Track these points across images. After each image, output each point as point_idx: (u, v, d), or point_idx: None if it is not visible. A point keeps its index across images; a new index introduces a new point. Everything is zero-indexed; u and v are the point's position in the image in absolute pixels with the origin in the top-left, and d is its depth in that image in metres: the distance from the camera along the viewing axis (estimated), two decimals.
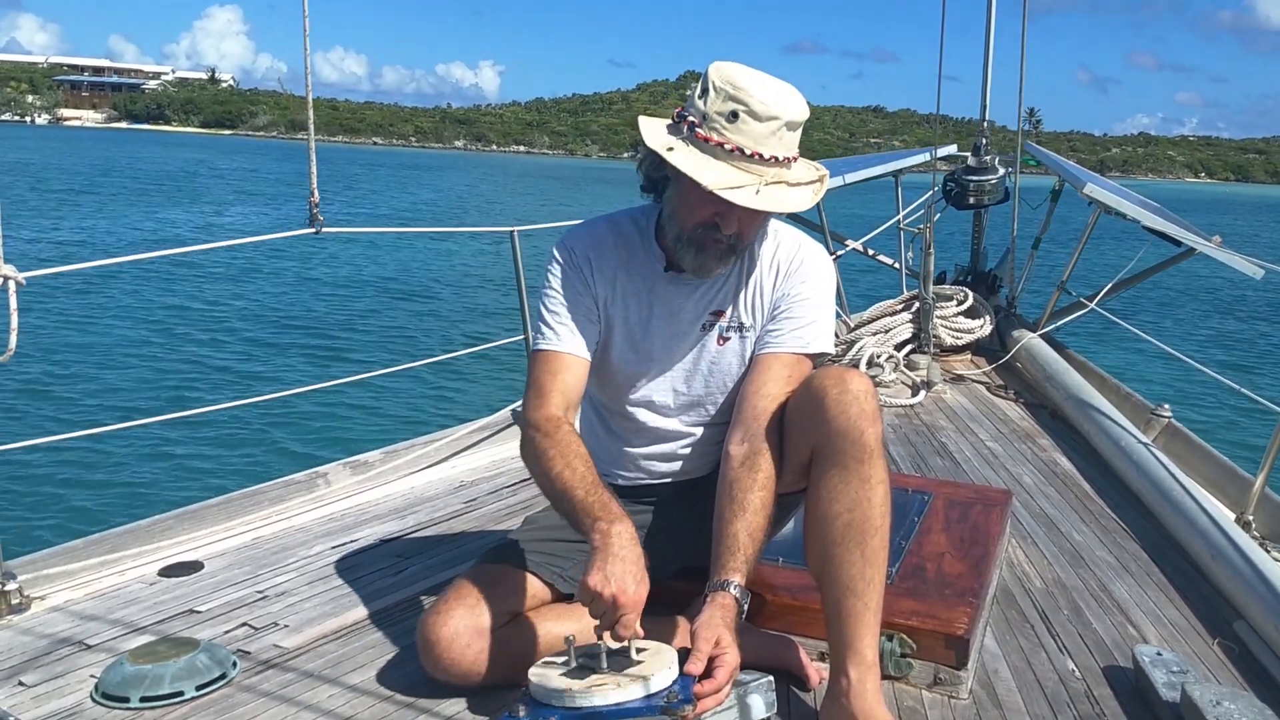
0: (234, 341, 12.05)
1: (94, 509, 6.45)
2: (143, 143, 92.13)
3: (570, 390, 1.87)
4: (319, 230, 2.74)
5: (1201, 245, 4.57)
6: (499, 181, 65.24)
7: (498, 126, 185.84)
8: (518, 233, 3.86)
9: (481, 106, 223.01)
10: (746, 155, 1.71)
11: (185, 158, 64.82)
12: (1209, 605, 2.45)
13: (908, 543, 2.31)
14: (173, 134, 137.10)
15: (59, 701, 1.78)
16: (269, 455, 7.72)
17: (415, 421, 8.40)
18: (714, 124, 1.72)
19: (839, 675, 1.68)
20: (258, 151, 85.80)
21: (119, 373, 10.16)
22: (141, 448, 7.61)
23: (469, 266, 20.74)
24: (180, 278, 16.10)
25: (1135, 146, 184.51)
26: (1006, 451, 3.77)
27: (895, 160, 6.89)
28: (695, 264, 1.84)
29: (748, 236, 1.84)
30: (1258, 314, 19.07)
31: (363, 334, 13.16)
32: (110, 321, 12.56)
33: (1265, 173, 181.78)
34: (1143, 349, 12.29)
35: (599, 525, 1.61)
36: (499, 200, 44.63)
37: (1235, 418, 9.82)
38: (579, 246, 1.96)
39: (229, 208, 32.03)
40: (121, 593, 2.27)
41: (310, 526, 2.74)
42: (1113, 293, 5.38)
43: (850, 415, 1.68)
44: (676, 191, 1.83)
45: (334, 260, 19.76)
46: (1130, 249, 5.43)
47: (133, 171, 47.48)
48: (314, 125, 2.59)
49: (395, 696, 1.82)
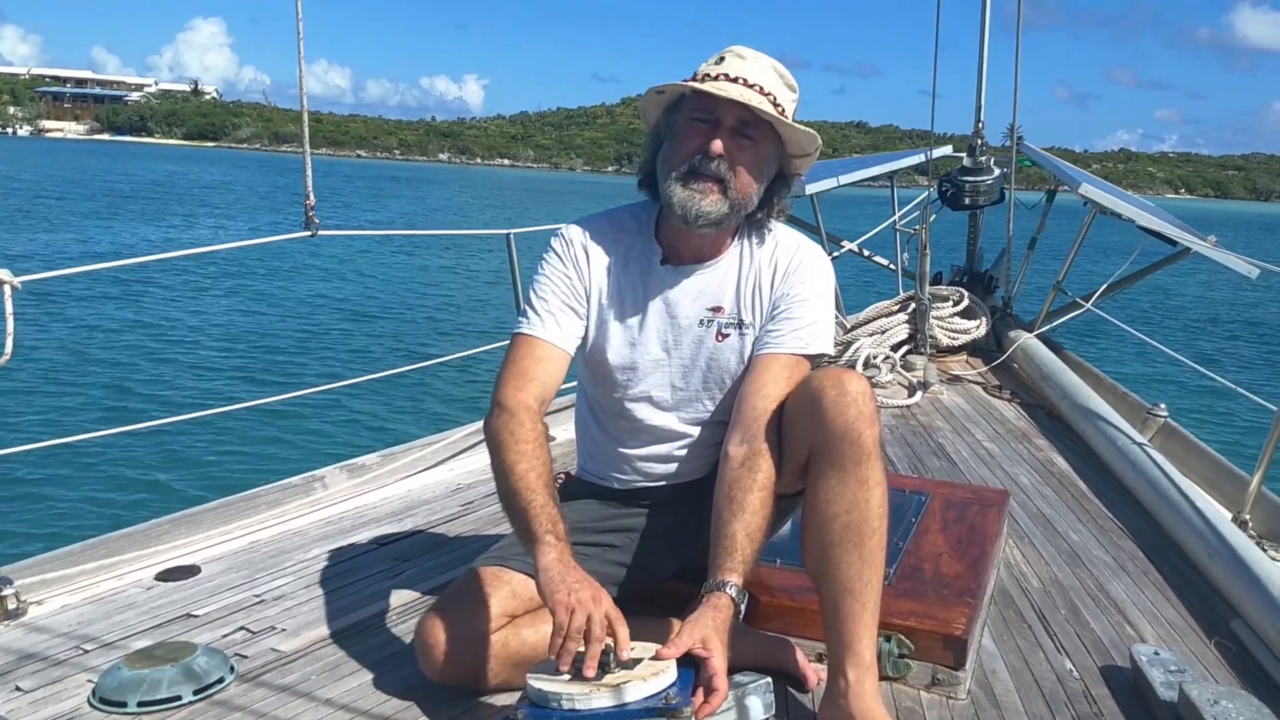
0: (229, 345, 12.04)
1: (91, 513, 6.44)
2: (125, 155, 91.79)
3: (549, 381, 1.87)
4: (314, 233, 2.74)
5: (1197, 245, 4.58)
6: (478, 194, 64.84)
7: (482, 140, 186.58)
8: (513, 236, 3.87)
9: (466, 120, 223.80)
10: (731, 79, 1.80)
11: (168, 170, 64.50)
12: (1206, 604, 2.46)
13: (905, 543, 2.31)
14: (156, 146, 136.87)
15: (56, 706, 1.78)
16: (265, 459, 7.71)
17: (412, 425, 8.40)
18: (701, 71, 1.85)
19: (837, 676, 1.68)
20: (239, 164, 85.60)
21: (115, 377, 10.15)
22: (138, 452, 7.60)
23: (464, 270, 20.74)
24: (176, 282, 16.09)
25: (1116, 163, 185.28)
26: (1003, 452, 3.78)
27: (891, 161, 6.89)
28: (685, 200, 1.82)
29: (741, 178, 1.83)
30: (1253, 313, 19.11)
31: (359, 337, 13.16)
32: (106, 326, 12.55)
33: (1244, 189, 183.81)
34: (1139, 349, 12.32)
35: (549, 540, 1.62)
36: (470, 213, 44.61)
37: (1231, 417, 9.84)
38: (576, 235, 1.98)
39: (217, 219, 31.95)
40: (118, 597, 2.27)
41: (307, 530, 2.74)
42: (1108, 293, 5.39)
43: (848, 417, 1.68)
44: (668, 146, 1.87)
45: (329, 264, 19.76)
46: (1126, 248, 5.44)
47: (121, 184, 47.28)
48: (298, 138, 2.59)
49: (393, 700, 1.82)
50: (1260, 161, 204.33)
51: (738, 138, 1.81)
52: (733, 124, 1.80)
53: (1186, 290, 21.50)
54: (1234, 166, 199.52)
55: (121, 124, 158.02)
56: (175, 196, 42.71)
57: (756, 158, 1.84)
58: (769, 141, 1.85)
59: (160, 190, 45.75)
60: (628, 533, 2.02)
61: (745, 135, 1.81)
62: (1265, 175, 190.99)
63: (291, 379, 10.33)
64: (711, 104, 1.80)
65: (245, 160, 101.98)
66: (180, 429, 7.64)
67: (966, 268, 6.20)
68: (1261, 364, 14.07)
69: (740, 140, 1.81)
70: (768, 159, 1.87)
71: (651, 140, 1.94)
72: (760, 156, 1.85)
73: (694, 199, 1.81)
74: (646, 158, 1.95)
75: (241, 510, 2.76)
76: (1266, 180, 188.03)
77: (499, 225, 34.64)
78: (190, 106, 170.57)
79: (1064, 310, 5.48)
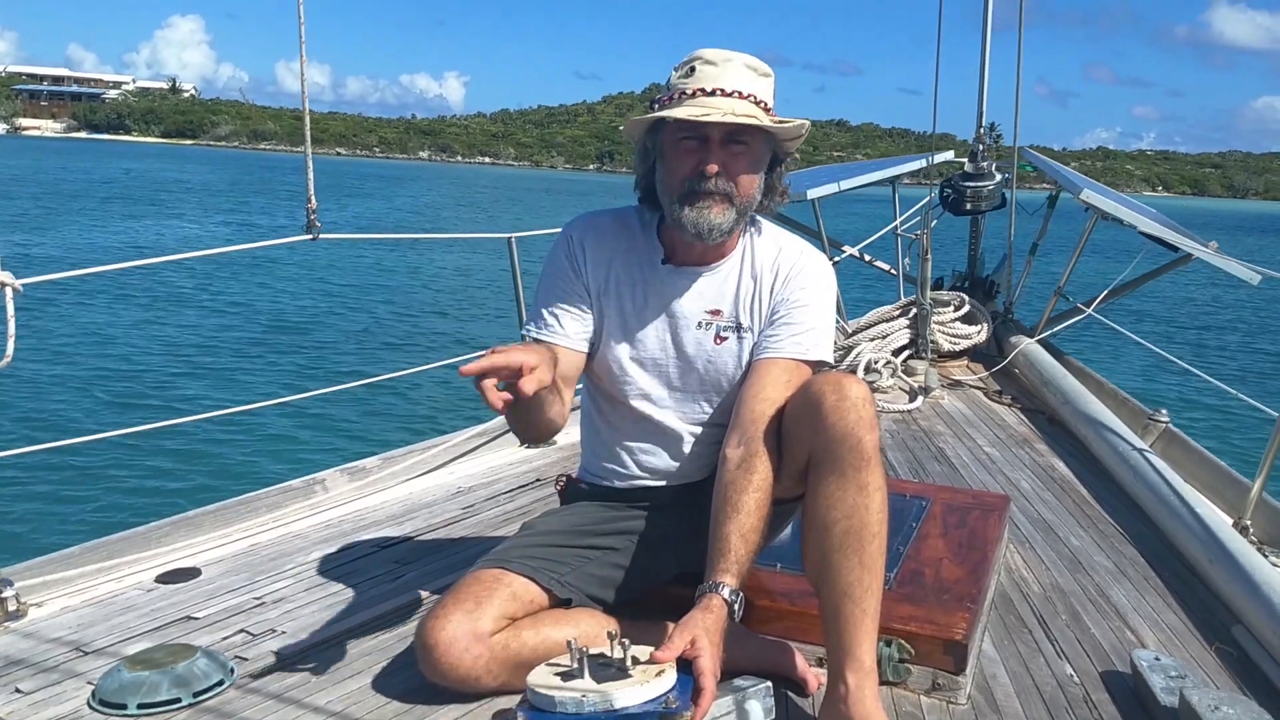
0: (230, 348, 12.05)
1: (91, 515, 6.45)
2: (103, 153, 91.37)
3: (560, 382, 1.88)
4: (316, 237, 2.75)
5: (1198, 251, 4.58)
6: (459, 193, 64.29)
7: (463, 137, 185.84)
8: (515, 239, 3.87)
9: (446, 117, 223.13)
10: (709, 93, 1.79)
11: (144, 167, 64.01)
12: (1207, 610, 2.45)
13: (906, 548, 2.30)
14: (133, 144, 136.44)
15: (56, 708, 1.78)
16: (266, 461, 7.71)
17: (413, 428, 8.40)
18: (675, 87, 1.83)
19: (837, 681, 1.68)
20: (218, 161, 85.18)
21: (115, 379, 10.15)
22: (139, 454, 7.60)
23: (466, 273, 20.76)
24: (176, 284, 16.10)
25: (1094, 160, 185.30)
26: (1004, 457, 3.77)
27: (892, 167, 6.90)
28: (695, 219, 1.83)
29: (741, 184, 1.84)
30: (1255, 319, 19.11)
31: (360, 340, 13.17)
32: (107, 328, 12.56)
33: (1221, 187, 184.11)
34: (1140, 354, 12.30)
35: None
36: (448, 209, 44.31)
37: (1233, 423, 9.83)
38: (577, 233, 2.00)
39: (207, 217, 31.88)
40: (119, 599, 2.27)
41: (308, 533, 2.74)
42: (1110, 298, 5.39)
43: (848, 422, 1.68)
44: (661, 167, 1.87)
45: (331, 267, 19.77)
46: (1127, 254, 5.44)
47: (103, 182, 47.10)
48: (277, 136, 2.60)
49: (393, 702, 1.82)
50: (1237, 159, 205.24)
51: (729, 146, 1.82)
52: (720, 137, 1.81)
53: (1188, 296, 21.50)
54: (1211, 164, 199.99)
55: (99, 122, 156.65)
56: (162, 195, 42.57)
57: (751, 158, 1.85)
58: (759, 139, 1.86)
59: (147, 189, 45.51)
60: (628, 535, 2.02)
61: (737, 142, 1.82)
62: (1242, 173, 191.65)
63: (293, 382, 10.34)
64: (696, 124, 1.79)
65: (224, 158, 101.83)
66: (181, 431, 7.64)
67: (968, 273, 6.20)
68: (1263, 370, 14.06)
69: (732, 148, 1.82)
70: (761, 155, 1.88)
71: (641, 158, 1.94)
72: (755, 156, 1.86)
73: (703, 216, 1.83)
74: (641, 173, 1.96)
75: (242, 513, 2.76)
76: (1243, 178, 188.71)
77: (484, 223, 34.53)
78: (168, 104, 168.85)
79: (1065, 315, 5.48)
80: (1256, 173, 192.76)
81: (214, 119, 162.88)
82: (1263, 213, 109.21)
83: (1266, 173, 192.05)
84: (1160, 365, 11.47)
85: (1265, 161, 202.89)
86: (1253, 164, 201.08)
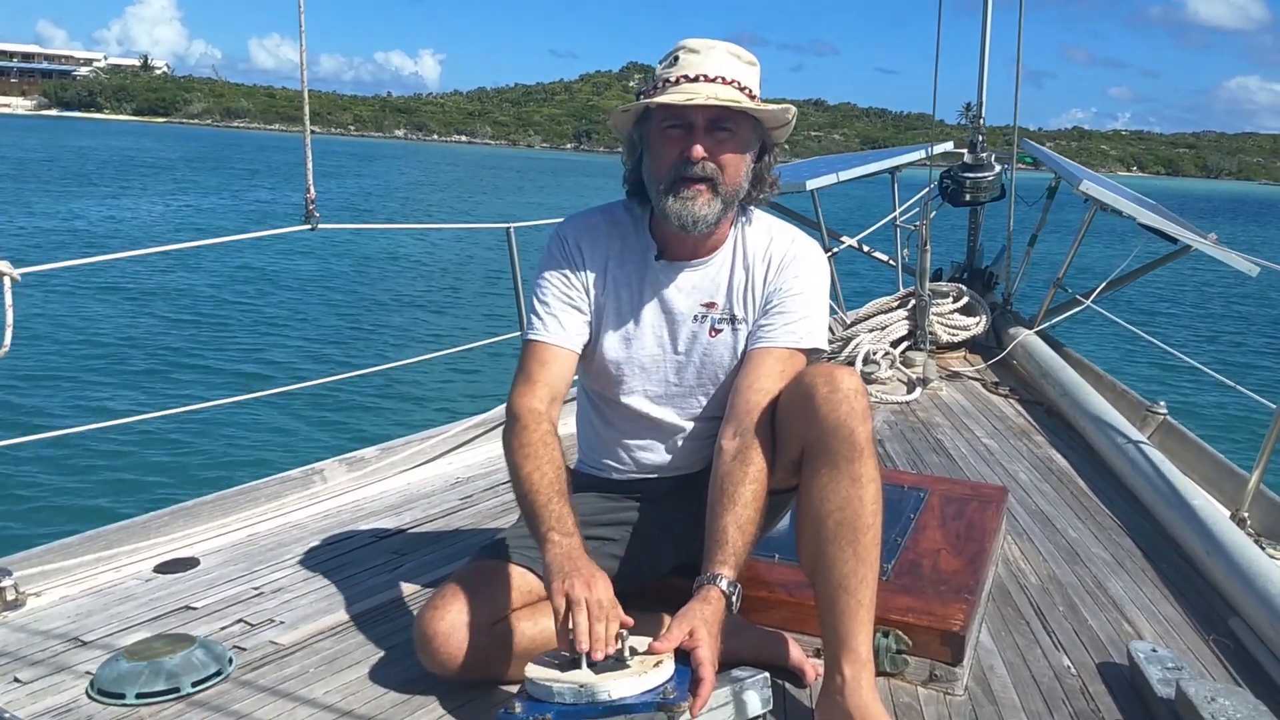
0: (228, 337, 12.03)
1: (89, 505, 6.44)
2: (75, 131, 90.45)
3: (557, 382, 1.90)
4: (314, 227, 2.74)
5: (1197, 242, 4.58)
6: (434, 172, 63.33)
7: (439, 116, 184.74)
8: (514, 229, 3.87)
9: (422, 95, 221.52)
10: (692, 79, 1.79)
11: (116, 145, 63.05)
12: (1204, 601, 2.46)
13: (904, 539, 2.31)
14: (105, 121, 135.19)
15: (55, 698, 1.78)
16: (265, 451, 7.71)
17: (411, 418, 8.40)
18: (659, 76, 1.83)
19: (834, 672, 1.68)
20: (191, 139, 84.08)
21: (113, 369, 10.14)
22: (137, 444, 7.60)
23: (464, 262, 20.73)
24: (174, 273, 16.07)
25: (1069, 140, 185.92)
26: (1002, 448, 3.78)
27: (891, 157, 6.89)
28: (679, 210, 1.83)
29: (728, 171, 1.84)
30: (1253, 311, 19.11)
31: (357, 330, 13.15)
32: (104, 317, 12.53)
33: (1195, 167, 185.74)
34: (1138, 346, 12.31)
35: (553, 536, 1.64)
36: (433, 189, 43.72)
37: (1230, 414, 9.83)
38: (571, 234, 1.99)
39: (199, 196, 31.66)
40: (117, 589, 2.27)
41: (306, 523, 2.74)
42: (1108, 290, 5.39)
43: (840, 413, 1.68)
44: (648, 155, 1.87)
45: (328, 256, 19.73)
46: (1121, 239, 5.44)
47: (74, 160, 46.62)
48: (250, 114, 2.60)
49: (391, 692, 1.82)
50: (1211, 140, 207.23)
51: (714, 132, 1.82)
52: (705, 123, 1.80)
53: (1186, 287, 21.49)
54: (1185, 145, 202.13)
55: (70, 99, 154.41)
56: (136, 171, 42.23)
57: (737, 144, 1.85)
58: (745, 125, 1.85)
59: (126, 166, 45.15)
60: (625, 526, 2.03)
61: (721, 128, 1.82)
62: (1216, 153, 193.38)
63: (290, 372, 10.33)
64: (680, 109, 1.79)
65: (197, 135, 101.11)
66: (180, 421, 7.63)
67: (966, 264, 6.19)
68: (1261, 362, 14.07)
69: (717, 134, 1.82)
70: (748, 141, 1.87)
71: (629, 151, 1.94)
72: (741, 142, 1.85)
73: (687, 206, 1.82)
74: (630, 167, 1.96)
75: (240, 503, 2.76)
76: (1217, 158, 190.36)
77: (467, 204, 34.12)
78: (140, 82, 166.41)
79: (1064, 307, 5.47)
80: (1230, 153, 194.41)
81: (186, 96, 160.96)
82: (1234, 193, 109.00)
83: (1240, 153, 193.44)
84: (1159, 356, 11.46)
85: (1239, 141, 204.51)
86: (1226, 144, 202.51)
